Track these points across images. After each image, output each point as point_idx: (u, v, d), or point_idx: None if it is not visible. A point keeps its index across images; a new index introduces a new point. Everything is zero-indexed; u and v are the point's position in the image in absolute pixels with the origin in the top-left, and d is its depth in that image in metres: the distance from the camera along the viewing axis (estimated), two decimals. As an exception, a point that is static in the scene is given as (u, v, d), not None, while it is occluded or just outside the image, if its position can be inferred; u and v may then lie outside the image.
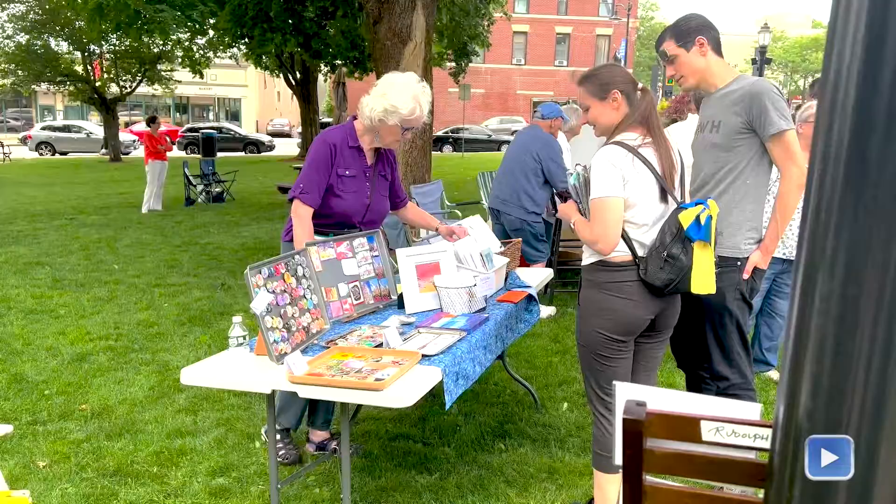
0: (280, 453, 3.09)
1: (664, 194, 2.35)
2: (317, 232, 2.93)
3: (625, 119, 2.39)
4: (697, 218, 2.25)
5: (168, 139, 12.53)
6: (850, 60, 0.65)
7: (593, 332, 2.42)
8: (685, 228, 2.25)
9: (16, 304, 5.83)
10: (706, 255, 2.29)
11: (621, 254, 2.36)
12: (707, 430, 0.84)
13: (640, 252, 2.35)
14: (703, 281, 2.30)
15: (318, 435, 3.26)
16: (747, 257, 2.65)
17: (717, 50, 2.68)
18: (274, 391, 2.29)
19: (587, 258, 2.47)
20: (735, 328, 2.70)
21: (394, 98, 2.82)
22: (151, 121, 12.20)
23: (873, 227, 0.65)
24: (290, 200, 2.93)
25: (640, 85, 2.41)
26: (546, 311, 5.53)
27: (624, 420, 0.85)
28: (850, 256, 0.66)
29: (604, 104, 2.42)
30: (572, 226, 2.49)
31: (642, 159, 2.31)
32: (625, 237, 2.35)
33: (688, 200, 2.44)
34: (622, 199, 2.30)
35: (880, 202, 0.64)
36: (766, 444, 0.83)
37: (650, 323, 2.45)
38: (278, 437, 3.11)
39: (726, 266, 2.63)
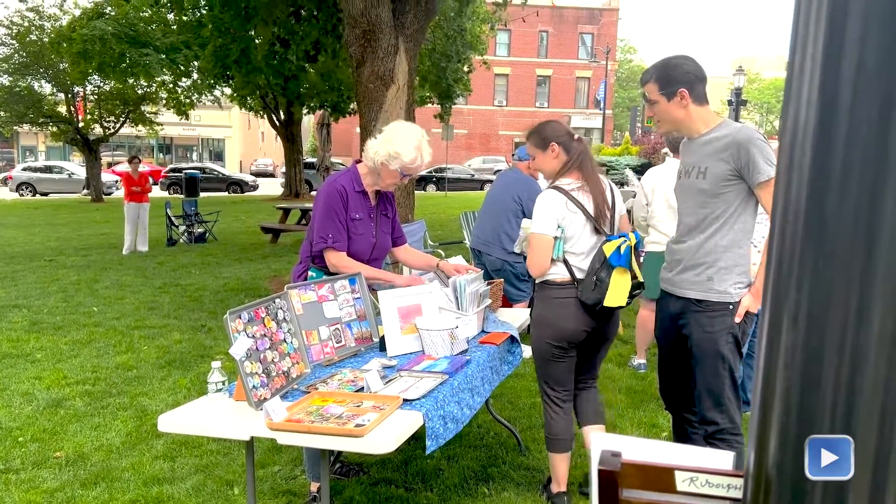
0: None
1: (595, 229, 2.89)
2: (328, 273, 3.04)
3: (563, 166, 2.95)
4: (618, 248, 2.78)
5: (151, 179, 12.42)
6: (805, 121, 0.68)
7: (541, 341, 2.98)
8: (608, 257, 2.78)
9: (-9, 348, 5.73)
10: (623, 277, 2.82)
11: (562, 276, 2.90)
12: (681, 480, 0.85)
13: (579, 275, 2.88)
14: (616, 297, 2.81)
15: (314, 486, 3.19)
16: (738, 301, 2.64)
17: (701, 99, 2.66)
18: (252, 437, 2.26)
19: (539, 279, 2.98)
20: (728, 373, 2.66)
21: (398, 145, 2.97)
22: (131, 160, 12.08)
23: (833, 280, 0.67)
24: (313, 255, 3.09)
25: (576, 136, 2.97)
26: (528, 351, 5.50)
27: (599, 471, 0.86)
28: (811, 309, 0.68)
29: (545, 154, 2.98)
30: None
31: (575, 201, 2.85)
32: (566, 262, 2.88)
33: (616, 232, 2.99)
34: (551, 236, 2.84)
35: (838, 256, 0.67)
36: (739, 494, 0.83)
37: (591, 334, 2.95)
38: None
39: (717, 311, 2.63)
